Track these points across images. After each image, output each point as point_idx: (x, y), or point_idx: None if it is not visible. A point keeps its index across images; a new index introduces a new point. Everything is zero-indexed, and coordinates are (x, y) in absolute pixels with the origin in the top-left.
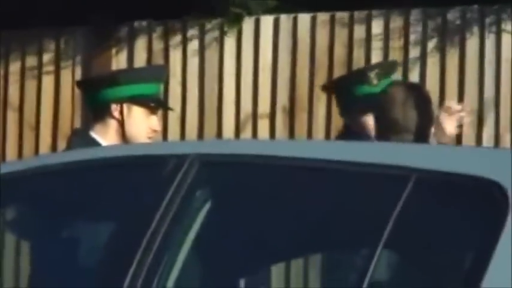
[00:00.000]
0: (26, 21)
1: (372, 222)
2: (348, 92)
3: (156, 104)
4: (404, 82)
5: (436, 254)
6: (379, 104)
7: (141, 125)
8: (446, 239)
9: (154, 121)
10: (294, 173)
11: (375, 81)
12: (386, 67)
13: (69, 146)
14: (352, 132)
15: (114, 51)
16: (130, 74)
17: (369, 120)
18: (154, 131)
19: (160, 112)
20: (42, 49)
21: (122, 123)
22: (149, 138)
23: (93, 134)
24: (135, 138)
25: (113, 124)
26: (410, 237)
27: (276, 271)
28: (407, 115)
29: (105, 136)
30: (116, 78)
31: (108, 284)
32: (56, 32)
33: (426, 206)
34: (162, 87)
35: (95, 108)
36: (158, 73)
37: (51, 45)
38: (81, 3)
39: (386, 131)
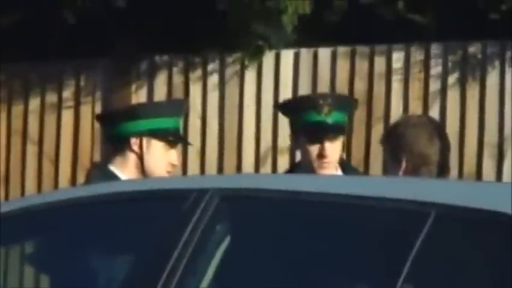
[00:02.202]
0: (45, 53)
1: (392, 258)
2: (296, 116)
3: (175, 139)
4: (419, 115)
5: None
6: (404, 139)
7: (160, 159)
8: (467, 276)
9: (173, 155)
10: (314, 207)
11: (325, 110)
12: (341, 100)
13: (88, 180)
14: (298, 168)
15: (134, 85)
16: (150, 108)
17: (314, 151)
18: (173, 165)
19: (180, 146)
20: (62, 84)
21: (141, 157)
22: (168, 172)
23: (112, 168)
24: (154, 172)
25: (132, 158)
26: (430, 273)
27: None
28: (433, 147)
29: (124, 170)
30: (135, 112)
31: None
32: (76, 64)
33: (446, 242)
34: (181, 121)
35: (115, 142)
36: (178, 107)
37: (71, 80)
38: (102, 36)
39: (415, 164)
